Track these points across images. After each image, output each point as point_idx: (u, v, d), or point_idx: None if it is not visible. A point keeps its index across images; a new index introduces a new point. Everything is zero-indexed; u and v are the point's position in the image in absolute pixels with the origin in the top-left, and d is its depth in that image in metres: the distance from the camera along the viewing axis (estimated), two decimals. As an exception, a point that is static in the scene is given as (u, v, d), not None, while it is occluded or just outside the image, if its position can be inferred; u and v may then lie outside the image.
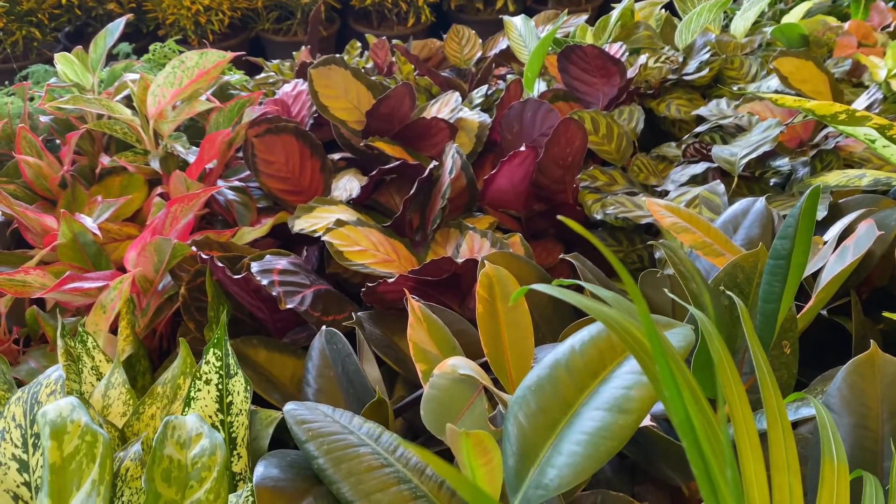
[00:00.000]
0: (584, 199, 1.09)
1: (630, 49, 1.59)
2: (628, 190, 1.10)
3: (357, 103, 1.15)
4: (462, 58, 1.60)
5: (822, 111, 0.82)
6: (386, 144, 1.08)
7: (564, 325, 0.83)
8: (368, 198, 1.08)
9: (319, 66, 1.12)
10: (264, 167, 1.07)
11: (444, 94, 1.23)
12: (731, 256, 0.77)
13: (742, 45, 1.49)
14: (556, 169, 1.06)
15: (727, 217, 0.85)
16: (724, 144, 1.14)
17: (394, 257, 0.92)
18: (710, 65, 1.42)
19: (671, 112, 1.32)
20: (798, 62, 1.19)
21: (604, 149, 1.14)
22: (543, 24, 1.62)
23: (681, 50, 1.50)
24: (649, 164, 1.14)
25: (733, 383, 0.40)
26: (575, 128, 1.04)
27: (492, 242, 0.93)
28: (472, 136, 1.19)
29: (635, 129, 1.19)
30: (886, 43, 1.51)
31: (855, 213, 0.77)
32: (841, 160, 1.01)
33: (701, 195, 0.93)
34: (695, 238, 0.77)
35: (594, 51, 1.23)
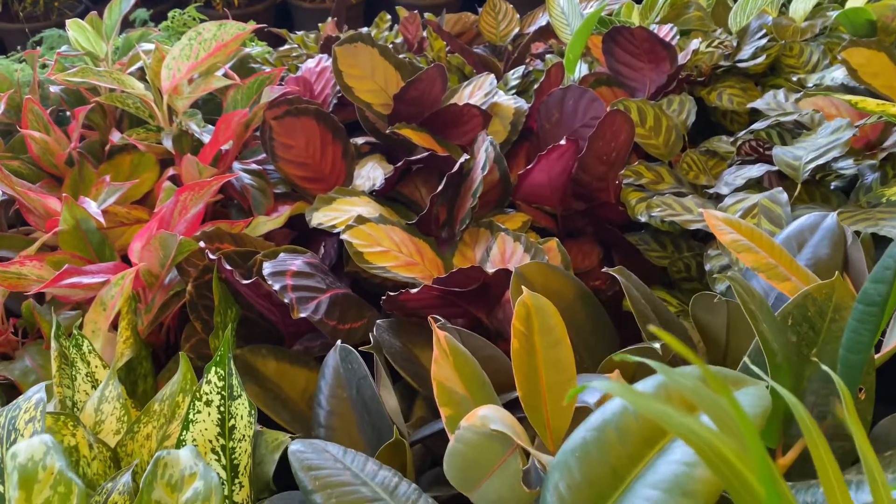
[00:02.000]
0: (628, 199, 1.00)
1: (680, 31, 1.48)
2: (676, 189, 1.01)
3: (384, 85, 1.06)
4: (498, 34, 1.50)
5: (910, 118, 0.72)
6: (413, 132, 1.00)
7: (607, 347, 0.75)
8: (392, 189, 1.00)
9: (345, 43, 1.03)
10: (283, 152, 1.00)
11: (477, 76, 1.14)
12: (797, 281, 0.69)
13: (802, 30, 1.37)
14: (598, 165, 0.97)
15: (791, 232, 0.76)
16: (783, 145, 1.04)
17: (417, 259, 0.84)
18: (767, 51, 1.30)
19: (723, 102, 1.22)
20: (869, 53, 1.08)
21: (650, 143, 1.05)
22: (587, 0, 1.51)
23: (734, 33, 1.39)
24: (700, 162, 1.04)
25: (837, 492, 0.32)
26: (622, 120, 0.95)
27: (525, 247, 0.85)
28: (506, 124, 1.10)
29: (686, 122, 1.09)
30: (962, 32, 1.39)
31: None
32: (916, 167, 0.91)
33: (760, 204, 0.83)
34: (757, 259, 0.68)
35: (643, 33, 1.13)
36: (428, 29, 1.39)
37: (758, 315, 0.52)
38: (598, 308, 0.76)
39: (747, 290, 0.53)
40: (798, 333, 0.61)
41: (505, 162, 0.98)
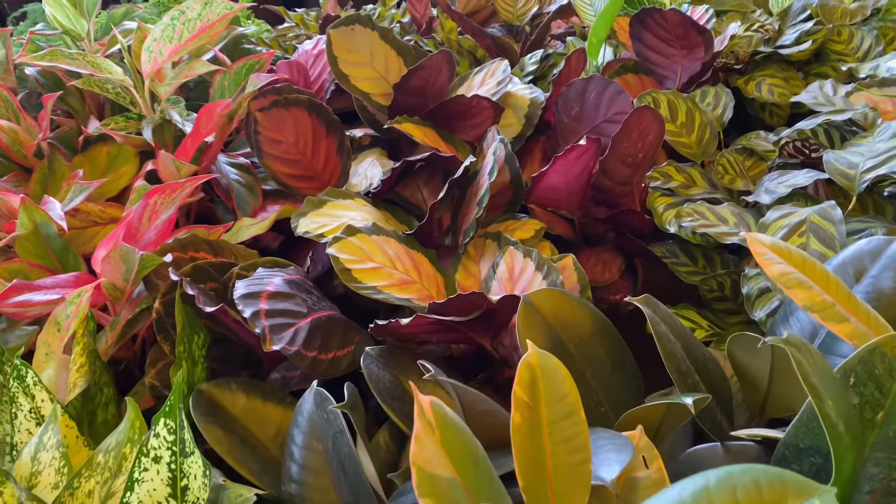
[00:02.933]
0: (655, 205, 0.89)
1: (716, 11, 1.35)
2: (709, 195, 0.90)
3: (385, 72, 0.95)
4: (515, 13, 1.38)
5: None
6: (415, 126, 0.89)
7: (629, 388, 0.65)
8: (391, 190, 0.90)
9: (340, 25, 0.92)
10: (270, 147, 0.90)
11: (490, 61, 1.03)
12: (856, 322, 0.58)
13: (851, 12, 1.24)
14: (622, 168, 0.86)
15: (848, 257, 0.65)
16: (832, 146, 0.93)
17: (414, 277, 0.74)
18: (813, 36, 1.18)
19: (762, 94, 1.10)
20: (934, 42, 0.95)
21: (682, 141, 0.94)
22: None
23: (775, 15, 1.26)
24: (737, 163, 0.93)
25: None
26: (651, 118, 0.84)
27: (537, 265, 0.74)
28: (520, 116, 0.99)
29: (721, 118, 0.97)
30: None
31: None
32: None
33: (809, 220, 0.72)
34: (811, 296, 0.57)
35: (676, 17, 1.01)
36: (438, 7, 1.27)
37: (820, 391, 0.41)
38: (618, 342, 0.66)
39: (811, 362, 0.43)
40: (861, 395, 0.50)
41: (517, 162, 0.87)
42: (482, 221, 0.89)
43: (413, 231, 0.78)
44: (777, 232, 0.73)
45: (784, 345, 0.42)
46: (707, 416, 0.62)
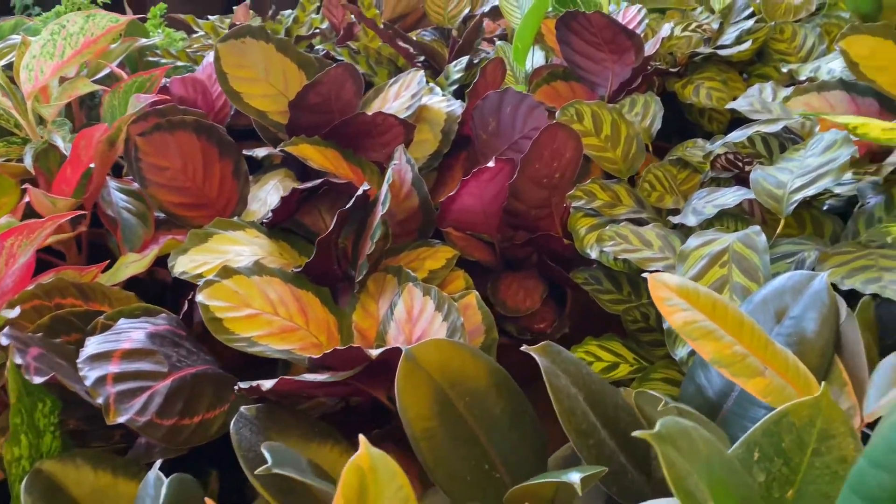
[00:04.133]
0: (576, 227, 0.82)
1: (654, 9, 1.29)
2: (636, 214, 0.83)
3: (284, 87, 0.87)
4: (446, 15, 1.30)
5: (927, 148, 0.54)
6: (313, 148, 0.81)
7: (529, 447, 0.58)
8: (290, 218, 0.82)
9: (230, 38, 0.84)
10: (154, 175, 0.81)
11: (406, 72, 0.95)
12: (772, 376, 0.51)
13: (796, 8, 1.17)
14: (536, 190, 0.79)
15: (769, 294, 0.59)
16: (770, 155, 0.86)
17: (299, 322, 0.67)
18: (753, 34, 1.11)
19: (700, 98, 1.03)
20: (873, 42, 0.89)
21: (606, 156, 0.87)
22: (548, -25, 1.31)
23: (717, 12, 1.20)
24: (665, 178, 0.86)
25: None
26: (564, 135, 0.77)
27: (437, 304, 0.67)
28: (437, 132, 0.92)
29: (650, 130, 0.91)
30: (982, 8, 1.19)
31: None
32: (930, 191, 0.73)
33: (732, 249, 0.65)
34: (720, 348, 0.51)
35: (602, 20, 0.94)
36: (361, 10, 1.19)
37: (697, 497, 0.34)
38: (517, 396, 0.59)
39: (687, 448, 0.36)
40: (768, 471, 0.43)
41: (425, 186, 0.80)
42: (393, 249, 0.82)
43: (302, 269, 0.70)
44: (697, 262, 0.66)
45: (654, 441, 0.34)
46: (614, 480, 0.55)
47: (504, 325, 0.87)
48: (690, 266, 0.66)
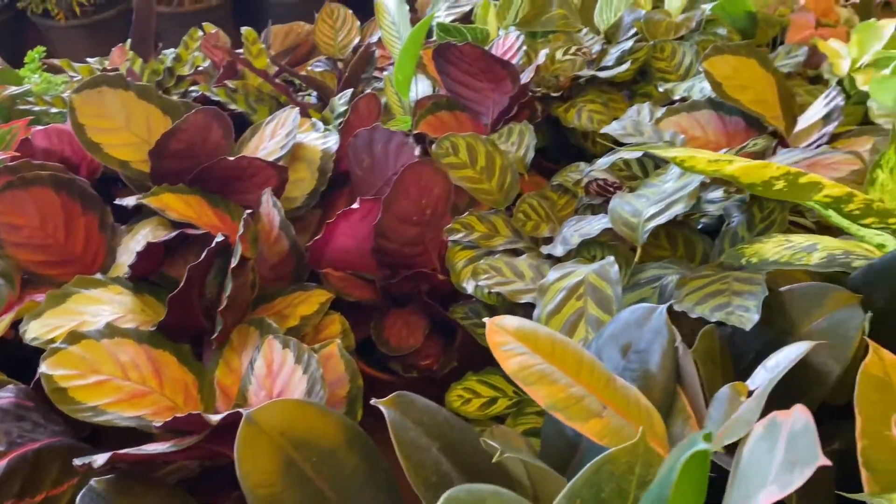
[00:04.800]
0: (454, 262, 0.81)
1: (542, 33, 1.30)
2: (512, 244, 0.83)
3: (147, 135, 0.85)
4: (336, 45, 1.29)
5: (751, 178, 0.55)
6: (176, 197, 0.79)
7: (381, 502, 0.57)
8: (154, 271, 0.79)
9: (84, 88, 0.82)
10: (9, 234, 0.78)
11: (282, 109, 0.94)
12: (611, 416, 0.51)
13: (676, 26, 1.20)
14: (406, 228, 0.78)
15: (617, 328, 0.59)
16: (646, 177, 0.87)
17: (153, 385, 0.64)
18: (634, 54, 1.13)
19: (582, 122, 1.04)
20: (736, 62, 0.91)
21: (482, 187, 0.86)
22: (438, 2, 1.31)
23: (602, 32, 1.21)
24: (541, 207, 0.86)
25: None
26: (429, 172, 0.76)
27: (296, 357, 0.65)
28: (313, 170, 0.91)
29: (524, 159, 0.91)
30: (851, 19, 1.24)
31: (795, 350, 0.51)
32: (787, 208, 0.74)
33: (587, 282, 0.65)
34: (553, 392, 0.50)
35: (474, 51, 0.94)
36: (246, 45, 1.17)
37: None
38: (371, 451, 0.57)
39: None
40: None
41: (292, 229, 0.78)
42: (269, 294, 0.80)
43: (157, 326, 0.67)
44: (556, 295, 0.66)
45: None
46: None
47: (390, 363, 0.86)
48: (550, 299, 0.66)
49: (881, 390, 0.51)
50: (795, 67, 1.05)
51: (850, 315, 0.58)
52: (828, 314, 0.59)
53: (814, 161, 0.87)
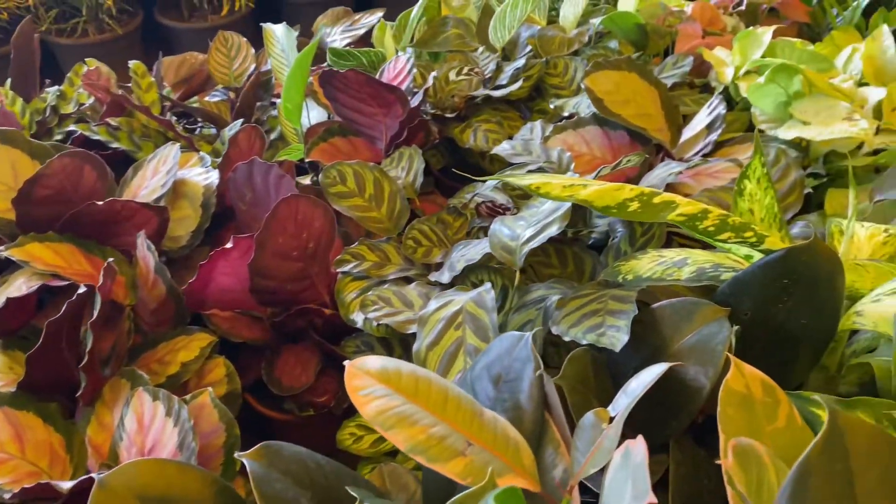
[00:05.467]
0: (342, 294, 0.80)
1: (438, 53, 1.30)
2: (404, 272, 0.82)
3: (14, 182, 0.81)
4: (231, 74, 1.26)
5: (605, 201, 0.55)
6: (43, 246, 0.75)
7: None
8: (24, 325, 0.75)
9: (-61, 136, 0.77)
10: None
11: (163, 146, 0.91)
12: (478, 452, 0.50)
13: (569, 41, 1.21)
14: (286, 265, 0.76)
15: (490, 358, 0.58)
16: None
17: (12, 451, 0.61)
18: (528, 72, 1.14)
19: (477, 141, 1.04)
20: (618, 76, 0.92)
21: (371, 216, 0.85)
22: (332, 26, 1.30)
23: (498, 51, 1.22)
24: (432, 232, 0.85)
25: None
26: (306, 205, 0.74)
27: (167, 409, 0.62)
28: (196, 206, 0.88)
29: (414, 184, 0.90)
30: (738, 27, 1.27)
31: (651, 373, 0.51)
32: (664, 225, 0.75)
33: (465, 311, 0.65)
34: (413, 434, 0.49)
35: (358, 77, 0.93)
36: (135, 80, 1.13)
37: None
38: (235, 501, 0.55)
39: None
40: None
41: (167, 272, 0.75)
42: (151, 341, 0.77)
43: (16, 387, 0.64)
44: (436, 326, 0.65)
45: None
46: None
47: (284, 402, 0.84)
48: (429, 331, 0.65)
49: (742, 406, 0.51)
50: (682, 77, 1.07)
51: (718, 329, 0.59)
52: (697, 329, 0.60)
53: (697, 171, 0.88)
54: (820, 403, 0.56)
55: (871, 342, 0.66)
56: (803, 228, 0.78)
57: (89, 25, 2.16)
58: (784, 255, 0.58)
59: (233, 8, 2.22)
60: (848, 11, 1.27)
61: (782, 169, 0.87)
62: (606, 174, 0.81)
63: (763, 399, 0.52)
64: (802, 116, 0.91)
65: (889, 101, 0.98)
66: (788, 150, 0.89)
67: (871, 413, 0.55)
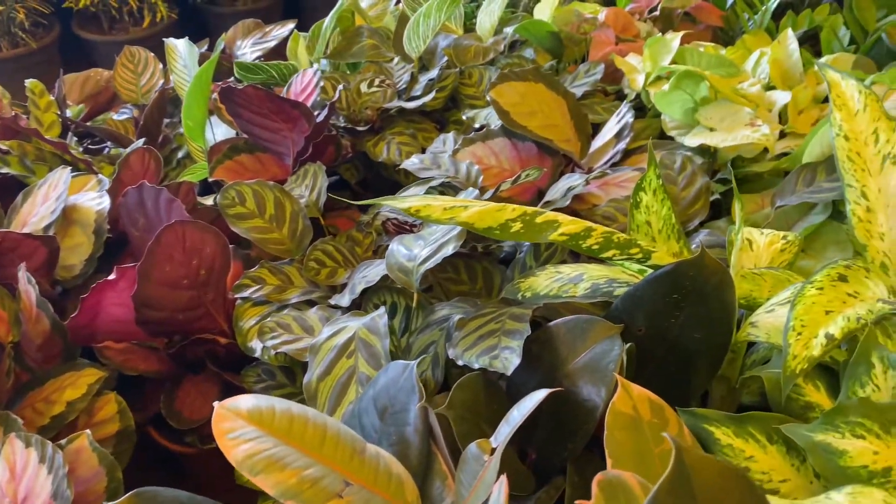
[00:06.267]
0: (240, 322, 0.77)
1: (357, 64, 1.27)
2: (307, 295, 0.79)
3: None
4: (139, 90, 1.22)
5: (487, 222, 0.53)
6: (-88, 284, 0.70)
7: None
8: None
9: None
10: None
11: (54, 171, 0.86)
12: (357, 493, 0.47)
13: (485, 50, 1.20)
14: (176, 294, 0.72)
15: (377, 390, 0.55)
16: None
17: None
18: (442, 82, 1.12)
19: (391, 155, 1.02)
20: (524, 87, 0.91)
21: (272, 237, 0.82)
22: (243, 38, 1.26)
23: (414, 61, 1.20)
24: (337, 252, 0.82)
25: None
26: (194, 232, 0.71)
27: (41, 455, 0.58)
28: (89, 233, 0.84)
29: (318, 203, 0.87)
30: (652, 33, 1.27)
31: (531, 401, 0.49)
32: (568, 237, 0.74)
33: (358, 338, 0.62)
34: (285, 478, 0.46)
35: (258, 93, 0.90)
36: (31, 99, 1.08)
37: None
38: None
39: None
40: None
41: (49, 306, 0.71)
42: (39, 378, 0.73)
43: None
44: (327, 355, 0.63)
45: None
46: None
47: (186, 435, 0.80)
48: (320, 360, 0.62)
49: (630, 429, 0.50)
50: (594, 85, 1.07)
51: (610, 347, 0.57)
52: (590, 348, 0.58)
53: (605, 181, 0.88)
54: (713, 420, 0.55)
55: (769, 352, 0.66)
56: (707, 237, 0.78)
57: (2, 40, 2.07)
58: (672, 270, 0.57)
59: (154, 19, 2.16)
60: (758, 15, 1.29)
61: (688, 176, 0.87)
62: (507, 189, 0.79)
63: (651, 420, 0.51)
64: (708, 123, 0.92)
65: (794, 105, 0.99)
66: (695, 157, 0.89)
67: (761, 428, 0.54)
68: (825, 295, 0.60)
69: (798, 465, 0.53)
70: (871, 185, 0.72)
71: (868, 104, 0.75)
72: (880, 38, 1.08)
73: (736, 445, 0.54)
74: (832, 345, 0.56)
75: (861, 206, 0.71)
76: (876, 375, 0.54)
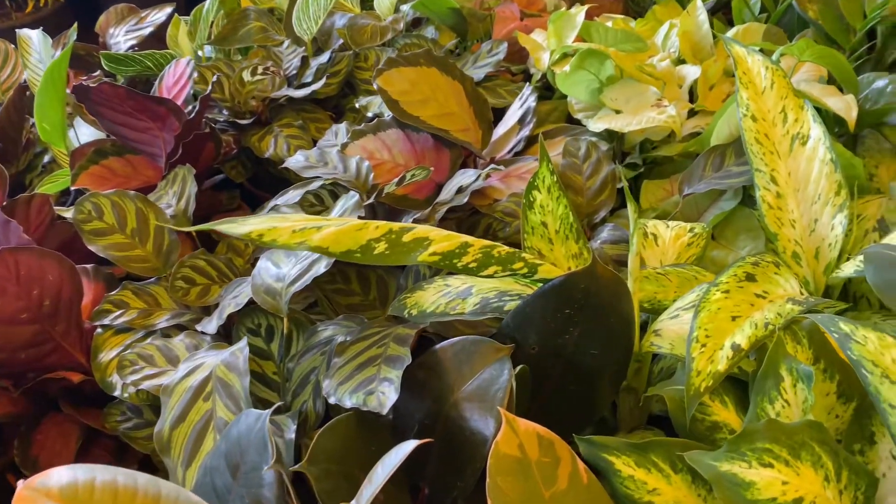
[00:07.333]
0: (98, 354, 0.68)
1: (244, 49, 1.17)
2: (177, 318, 0.70)
3: None
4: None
5: (345, 245, 0.46)
6: None
7: None
8: None
9: None
10: None
11: None
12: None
13: (382, 30, 1.11)
14: (15, 330, 0.63)
15: (227, 445, 0.48)
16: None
17: None
18: (335, 66, 1.03)
19: (278, 150, 0.93)
20: (415, 73, 0.83)
21: (135, 255, 0.73)
22: (116, 26, 1.15)
23: (306, 44, 1.10)
24: (210, 267, 0.74)
25: None
26: (31, 259, 0.62)
27: None
28: (-78, 261, 0.73)
29: (186, 212, 0.78)
30: (560, 6, 1.21)
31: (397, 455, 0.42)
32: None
33: (215, 377, 0.54)
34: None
35: (117, 91, 0.80)
36: None
37: None
38: None
39: None
40: None
41: None
42: None
43: None
44: (182, 397, 0.54)
45: None
46: None
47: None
48: (175, 403, 0.54)
49: (516, 472, 0.44)
50: (497, 66, 1.00)
51: (498, 372, 0.51)
52: (477, 374, 0.52)
53: (506, 173, 0.81)
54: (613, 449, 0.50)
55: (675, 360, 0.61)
56: (611, 232, 0.72)
57: None
58: (562, 284, 0.51)
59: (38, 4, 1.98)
60: (669, -17, 1.23)
61: (594, 164, 0.81)
62: (399, 189, 0.72)
63: (540, 459, 0.45)
64: (613, 105, 0.86)
65: (704, 80, 0.94)
66: (600, 143, 0.83)
67: (664, 455, 0.49)
68: (731, 298, 0.55)
69: (705, 496, 0.48)
70: (780, 168, 0.68)
71: (775, 81, 0.70)
72: (790, 5, 1.04)
73: (638, 477, 0.48)
74: (739, 357, 0.51)
75: (771, 191, 0.66)
76: (785, 389, 0.49)
